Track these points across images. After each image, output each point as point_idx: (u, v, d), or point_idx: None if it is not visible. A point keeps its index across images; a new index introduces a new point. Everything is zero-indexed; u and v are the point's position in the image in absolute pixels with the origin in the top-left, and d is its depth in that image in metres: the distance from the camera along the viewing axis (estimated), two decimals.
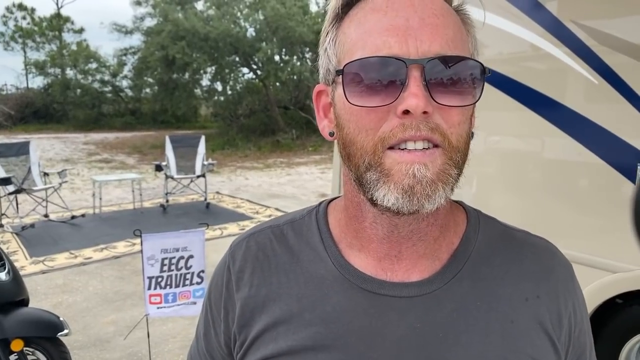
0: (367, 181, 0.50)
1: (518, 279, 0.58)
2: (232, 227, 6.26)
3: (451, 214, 0.59)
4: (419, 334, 0.53)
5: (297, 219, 0.64)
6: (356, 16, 0.52)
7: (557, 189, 2.39)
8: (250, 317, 0.59)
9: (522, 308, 0.56)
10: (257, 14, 16.92)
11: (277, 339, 0.56)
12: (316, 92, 0.59)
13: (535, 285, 0.58)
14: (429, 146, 0.48)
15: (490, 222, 0.62)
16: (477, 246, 0.59)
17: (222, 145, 15.61)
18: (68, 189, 8.62)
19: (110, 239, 5.66)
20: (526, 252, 0.60)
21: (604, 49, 2.17)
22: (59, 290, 4.16)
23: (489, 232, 0.60)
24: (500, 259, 0.59)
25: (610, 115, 2.18)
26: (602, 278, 2.22)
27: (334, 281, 0.56)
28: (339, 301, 0.55)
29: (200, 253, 2.64)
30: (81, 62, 23.20)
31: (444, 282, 0.55)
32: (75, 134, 19.93)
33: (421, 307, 0.54)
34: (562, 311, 0.58)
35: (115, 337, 3.35)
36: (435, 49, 0.48)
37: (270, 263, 0.60)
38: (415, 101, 0.46)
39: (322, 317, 0.55)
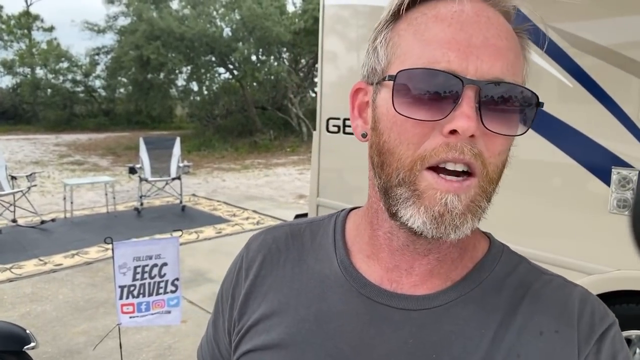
0: (396, 196, 0.49)
1: (533, 313, 0.52)
2: (208, 231, 6.16)
3: (472, 239, 0.56)
4: (409, 350, 0.51)
5: (317, 220, 0.65)
6: (416, 20, 0.49)
7: (531, 190, 2.40)
8: (251, 304, 0.59)
9: (533, 342, 0.51)
10: (233, 13, 16.76)
11: (269, 330, 0.56)
12: (355, 89, 0.56)
13: (554, 321, 0.52)
14: (468, 170, 0.46)
15: (515, 258, 0.58)
16: (493, 275, 0.55)
17: (198, 147, 15.42)
18: (38, 192, 8.35)
19: (82, 244, 5.49)
20: (551, 290, 0.54)
21: (577, 52, 2.18)
22: (27, 300, 4.00)
23: (510, 266, 0.56)
24: (517, 291, 0.54)
25: (584, 117, 2.20)
26: (577, 280, 2.24)
27: (335, 282, 0.56)
28: (336, 302, 0.55)
29: (174, 260, 2.57)
30: (52, 62, 22.59)
31: (446, 300, 0.53)
32: (46, 135, 19.39)
33: (417, 322, 0.52)
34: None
35: (87, 347, 3.24)
36: (495, 72, 0.46)
37: (281, 257, 0.61)
38: (466, 122, 0.44)
39: (317, 315, 0.55)
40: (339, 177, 3.53)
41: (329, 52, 3.55)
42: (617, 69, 2.08)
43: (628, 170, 2.07)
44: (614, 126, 2.09)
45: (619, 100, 2.08)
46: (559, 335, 0.51)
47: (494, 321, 0.52)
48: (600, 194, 2.15)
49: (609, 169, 2.12)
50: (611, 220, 2.12)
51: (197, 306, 3.90)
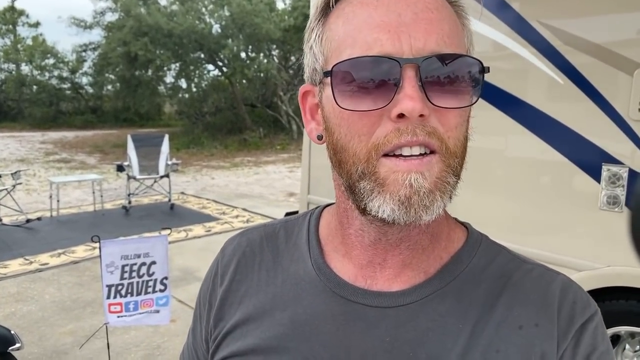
0: (360, 190, 0.47)
1: (512, 305, 0.50)
2: (197, 229, 6.11)
3: (446, 227, 0.55)
4: (386, 349, 0.49)
5: (292, 219, 0.64)
6: (343, 11, 0.47)
7: (521, 188, 2.40)
8: (227, 311, 0.58)
9: (512, 336, 0.49)
10: (222, 10, 16.63)
11: (246, 336, 0.55)
12: (302, 93, 0.55)
13: (534, 313, 0.50)
14: (426, 151, 0.45)
15: (494, 249, 0.56)
16: (471, 267, 0.53)
17: (187, 144, 15.29)
18: (23, 190, 8.22)
19: (69, 243, 5.41)
20: (531, 280, 0.52)
21: (568, 49, 2.19)
22: (12, 299, 3.93)
23: (489, 257, 0.54)
24: (496, 282, 0.52)
25: (575, 114, 2.20)
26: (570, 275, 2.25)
27: (309, 283, 0.54)
28: (311, 304, 0.53)
29: (163, 259, 2.53)
30: (37, 58, 22.24)
31: (422, 295, 0.51)
32: (32, 133, 19.10)
33: (393, 319, 0.50)
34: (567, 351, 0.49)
35: (74, 348, 3.18)
36: (431, 47, 0.44)
37: (255, 260, 0.60)
38: (411, 104, 0.43)
39: (292, 318, 0.53)
40: (329, 174, 3.50)
41: None
42: (607, 66, 2.09)
43: (618, 167, 2.08)
44: (604, 123, 2.10)
45: (609, 97, 2.09)
46: (538, 329, 0.49)
47: (472, 316, 0.50)
48: (591, 190, 2.15)
49: (599, 166, 2.12)
50: (601, 216, 2.13)
51: (186, 305, 3.86)
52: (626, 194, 2.06)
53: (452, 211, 0.58)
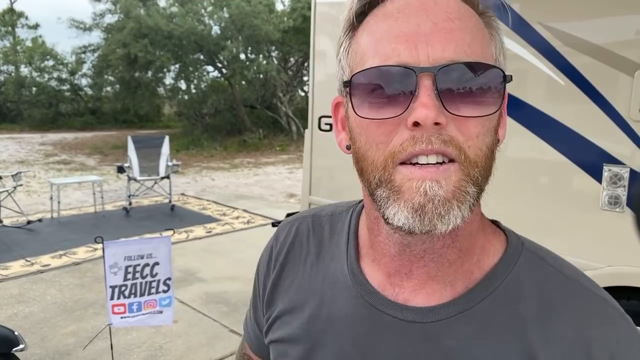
0: (378, 198, 0.48)
1: (545, 336, 0.48)
2: (198, 230, 6.11)
3: (481, 239, 0.53)
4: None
5: (337, 213, 0.66)
6: (368, 24, 0.50)
7: (523, 187, 2.41)
8: (276, 297, 0.63)
9: None
10: (221, 11, 16.64)
11: (290, 324, 0.59)
12: (334, 104, 0.57)
13: (564, 350, 0.48)
14: (444, 160, 0.45)
15: (536, 261, 0.53)
16: (505, 285, 0.51)
17: (186, 145, 15.29)
18: (23, 192, 8.22)
19: (70, 244, 5.41)
20: (570, 307, 0.49)
21: (569, 50, 2.20)
22: (14, 301, 3.93)
23: (528, 272, 0.52)
24: (531, 306, 0.50)
25: (576, 115, 2.22)
26: None
27: (344, 285, 0.57)
28: (344, 305, 0.56)
29: (166, 260, 2.54)
30: (37, 59, 22.22)
31: (447, 315, 0.50)
32: (31, 134, 19.08)
33: (418, 334, 0.51)
34: None
35: (76, 349, 3.19)
36: (449, 55, 0.44)
37: (302, 252, 0.63)
38: (424, 112, 0.43)
39: (328, 315, 0.56)
40: (331, 175, 3.52)
41: (320, 50, 3.54)
42: (608, 67, 2.10)
43: (619, 168, 2.09)
44: (605, 123, 2.11)
45: (610, 97, 2.10)
46: None
47: (500, 340, 0.48)
48: (592, 191, 2.17)
49: (600, 166, 2.14)
50: (602, 217, 2.14)
51: (188, 306, 3.86)
52: (627, 194, 2.07)
53: None
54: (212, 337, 3.37)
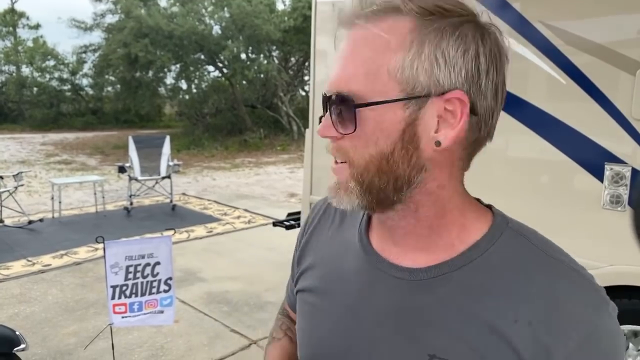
0: None
1: (518, 299, 0.54)
2: (199, 230, 6.11)
3: (459, 220, 0.60)
4: (396, 311, 0.60)
5: None
6: None
7: (524, 186, 2.41)
8: (304, 255, 0.76)
9: (507, 329, 0.53)
10: (222, 11, 16.63)
11: (311, 277, 0.72)
12: None
13: (532, 311, 0.53)
14: (343, 161, 0.59)
15: (518, 239, 0.59)
16: (485, 257, 0.58)
17: (187, 145, 15.29)
18: (25, 192, 8.23)
19: (71, 244, 5.42)
20: (545, 276, 0.55)
21: (571, 49, 2.20)
22: (15, 301, 3.94)
23: (510, 247, 0.58)
24: (508, 274, 0.56)
25: (577, 114, 2.21)
26: None
27: (354, 248, 0.67)
28: (351, 264, 0.67)
29: (167, 259, 2.54)
30: (38, 60, 22.23)
31: (428, 276, 0.59)
32: (32, 134, 19.09)
33: (403, 290, 0.60)
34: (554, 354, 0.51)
35: (77, 348, 3.19)
36: (333, 87, 0.57)
37: (328, 221, 0.76)
38: (320, 129, 0.58)
39: (338, 272, 0.68)
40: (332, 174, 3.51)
41: (321, 49, 3.53)
42: (609, 66, 2.10)
43: (621, 166, 2.09)
44: (606, 122, 2.10)
45: (611, 96, 2.10)
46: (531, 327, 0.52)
47: (476, 300, 0.55)
48: (593, 190, 2.16)
49: (602, 165, 2.13)
50: (604, 216, 2.14)
51: (189, 305, 3.86)
52: (629, 193, 2.07)
53: None
54: (213, 336, 3.37)
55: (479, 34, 0.53)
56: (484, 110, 0.56)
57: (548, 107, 2.29)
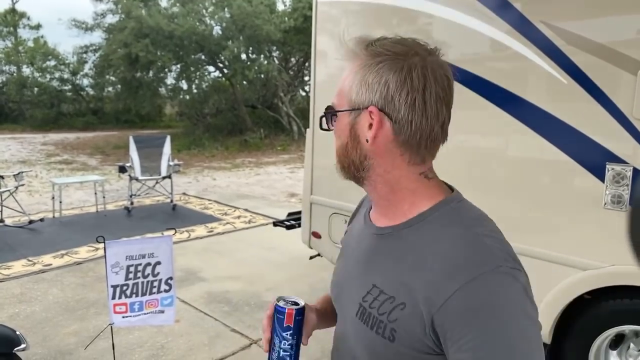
0: None
1: (429, 256, 0.74)
2: (199, 230, 6.11)
3: (409, 198, 0.81)
4: (366, 254, 0.86)
5: None
6: None
7: (526, 186, 2.41)
8: (347, 230, 1.04)
9: (418, 275, 0.74)
10: (223, 11, 16.63)
11: (344, 240, 1.01)
12: None
13: (435, 264, 0.72)
14: None
15: (452, 215, 0.78)
16: (423, 224, 0.79)
17: (188, 145, 15.29)
18: (25, 192, 8.23)
19: (72, 244, 5.42)
20: (454, 242, 0.73)
21: (572, 49, 2.19)
22: (15, 300, 3.94)
23: (442, 219, 0.77)
24: (430, 237, 0.76)
25: (578, 114, 2.21)
26: (572, 276, 2.25)
27: (363, 219, 0.93)
28: (359, 228, 0.93)
29: (168, 259, 2.54)
30: (38, 60, 22.26)
31: (387, 232, 0.83)
32: (33, 134, 19.11)
33: (374, 240, 0.86)
34: (448, 307, 0.68)
35: (78, 348, 3.19)
36: None
37: (362, 210, 0.99)
38: None
39: (353, 234, 0.96)
40: (332, 174, 3.50)
41: (321, 50, 3.53)
42: (611, 66, 2.10)
43: (622, 166, 2.08)
44: (608, 122, 2.10)
45: (612, 96, 2.10)
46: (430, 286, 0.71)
47: (410, 251, 0.77)
48: (595, 190, 2.16)
49: (603, 165, 2.13)
50: (605, 215, 2.14)
51: (190, 305, 3.86)
52: (630, 193, 2.07)
53: None
54: (213, 336, 3.37)
55: (398, 67, 0.74)
56: (400, 118, 0.75)
57: (549, 106, 2.28)
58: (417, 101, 0.74)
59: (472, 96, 2.53)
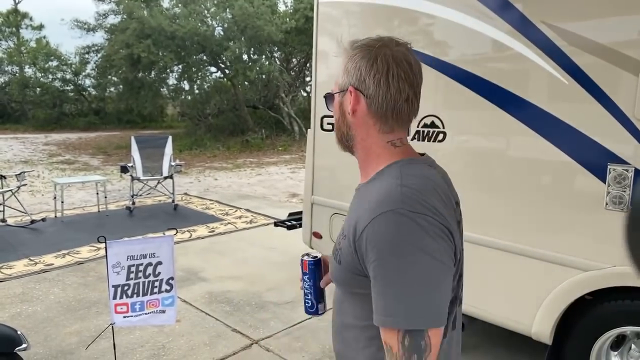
0: None
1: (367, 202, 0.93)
2: (201, 230, 6.12)
3: (374, 163, 1.01)
4: (354, 202, 1.03)
5: None
6: None
7: (527, 187, 2.40)
8: None
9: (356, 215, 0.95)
10: (224, 12, 16.65)
11: None
12: None
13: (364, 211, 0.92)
14: None
15: (396, 171, 0.95)
16: (374, 178, 0.99)
17: (189, 146, 15.32)
18: (27, 192, 8.25)
19: (73, 244, 5.42)
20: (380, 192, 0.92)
21: (573, 49, 2.19)
22: (17, 300, 3.94)
23: (390, 174, 0.96)
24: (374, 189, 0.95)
25: (580, 114, 2.21)
26: (573, 277, 2.25)
27: None
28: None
29: (169, 259, 2.54)
30: (41, 60, 22.34)
31: (361, 187, 1.03)
32: (35, 134, 19.15)
33: (357, 193, 1.04)
34: (363, 235, 0.89)
35: (79, 348, 3.19)
36: None
37: None
38: None
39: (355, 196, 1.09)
40: (333, 174, 3.52)
41: (323, 50, 3.54)
42: (612, 66, 2.09)
43: (624, 167, 2.08)
44: (609, 123, 2.10)
45: (614, 97, 2.09)
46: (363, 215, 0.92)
47: (364, 204, 0.94)
48: (596, 190, 2.16)
49: (604, 166, 2.13)
50: (607, 216, 2.13)
51: (191, 305, 3.86)
52: (631, 194, 2.06)
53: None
54: (214, 336, 3.37)
55: (368, 55, 0.95)
56: (371, 94, 0.96)
57: (550, 107, 2.28)
58: (381, 80, 0.94)
59: (472, 96, 2.53)
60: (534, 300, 2.38)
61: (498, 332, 2.83)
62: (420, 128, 2.81)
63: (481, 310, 2.64)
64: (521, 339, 2.55)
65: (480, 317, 2.67)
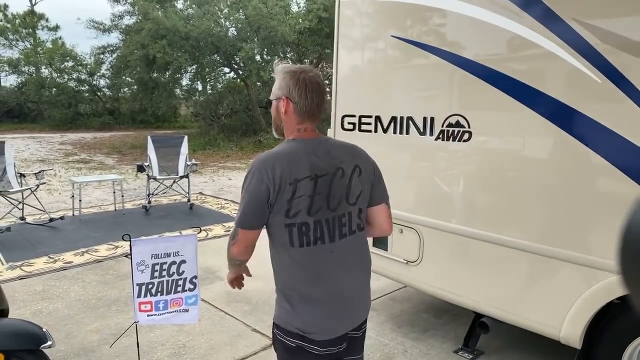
0: None
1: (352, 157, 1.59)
2: (217, 229, 6.12)
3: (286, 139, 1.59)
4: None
5: None
6: None
7: (559, 190, 2.36)
8: None
9: None
10: (238, 13, 16.71)
11: None
12: None
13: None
14: None
15: (280, 145, 1.56)
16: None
17: (203, 146, 15.39)
18: (45, 190, 8.34)
19: (92, 242, 5.47)
20: None
21: (608, 48, 2.14)
22: (38, 297, 3.98)
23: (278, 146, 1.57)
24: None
25: (616, 116, 2.15)
26: (606, 279, 2.20)
27: None
28: None
29: (192, 258, 2.53)
30: (57, 61, 22.59)
31: None
32: (51, 134, 19.38)
33: None
34: None
35: (100, 345, 3.21)
36: None
37: None
38: None
39: None
40: None
41: (344, 48, 3.51)
42: None
43: None
44: None
45: None
46: None
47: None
48: (630, 192, 2.10)
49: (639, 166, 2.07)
50: None
51: (210, 304, 3.86)
52: None
53: None
54: (234, 335, 3.36)
55: (293, 77, 1.51)
56: (296, 101, 1.51)
57: (585, 109, 2.23)
58: (301, 93, 1.50)
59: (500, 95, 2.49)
60: (564, 303, 2.33)
61: (521, 335, 2.78)
62: (444, 127, 2.78)
63: (509, 313, 2.59)
64: (547, 342, 2.51)
65: (507, 320, 2.63)
